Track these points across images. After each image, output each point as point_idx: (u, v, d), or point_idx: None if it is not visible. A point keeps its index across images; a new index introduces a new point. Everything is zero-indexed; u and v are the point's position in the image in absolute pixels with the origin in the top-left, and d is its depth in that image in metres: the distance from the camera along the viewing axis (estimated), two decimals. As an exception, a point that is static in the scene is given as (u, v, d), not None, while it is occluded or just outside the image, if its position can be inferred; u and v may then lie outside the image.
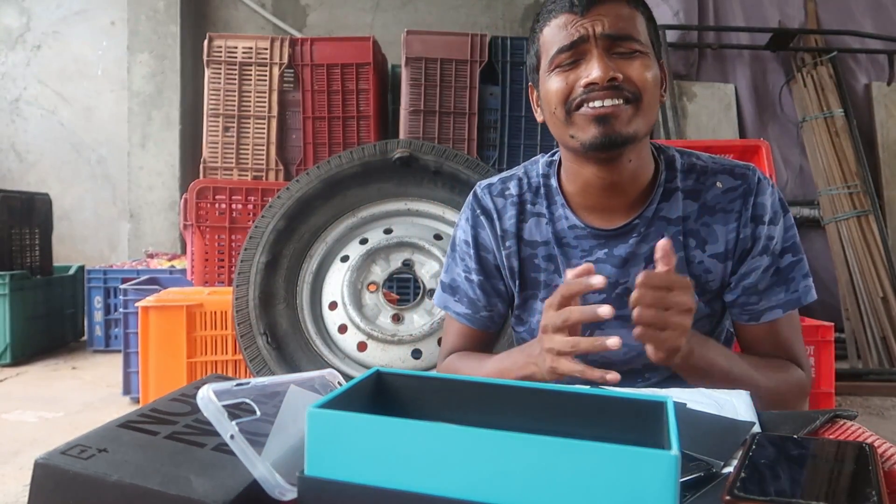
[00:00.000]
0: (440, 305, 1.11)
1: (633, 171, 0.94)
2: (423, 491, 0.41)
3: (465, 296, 1.07)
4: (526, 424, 0.49)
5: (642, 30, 0.89)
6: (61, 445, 0.49)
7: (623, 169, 0.93)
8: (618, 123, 0.86)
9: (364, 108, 3.23)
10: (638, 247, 0.96)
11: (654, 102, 0.89)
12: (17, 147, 4.89)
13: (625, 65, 0.87)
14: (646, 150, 0.95)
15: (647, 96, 0.87)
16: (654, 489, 0.37)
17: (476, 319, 1.08)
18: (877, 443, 0.58)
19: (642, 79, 0.87)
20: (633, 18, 0.89)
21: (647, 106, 0.88)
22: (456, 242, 1.09)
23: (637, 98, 0.87)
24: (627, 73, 0.86)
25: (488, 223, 1.05)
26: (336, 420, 0.43)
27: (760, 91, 3.70)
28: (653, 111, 0.89)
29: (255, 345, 1.78)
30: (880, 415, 2.61)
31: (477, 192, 1.07)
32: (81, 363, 3.42)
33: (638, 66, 0.87)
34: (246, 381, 0.53)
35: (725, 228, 0.95)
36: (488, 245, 1.05)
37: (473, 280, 1.06)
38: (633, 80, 0.86)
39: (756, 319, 0.95)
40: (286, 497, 0.46)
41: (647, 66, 0.88)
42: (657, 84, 0.90)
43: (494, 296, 1.07)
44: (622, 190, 0.95)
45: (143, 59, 4.53)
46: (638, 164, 0.94)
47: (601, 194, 0.96)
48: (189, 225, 2.65)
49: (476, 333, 1.09)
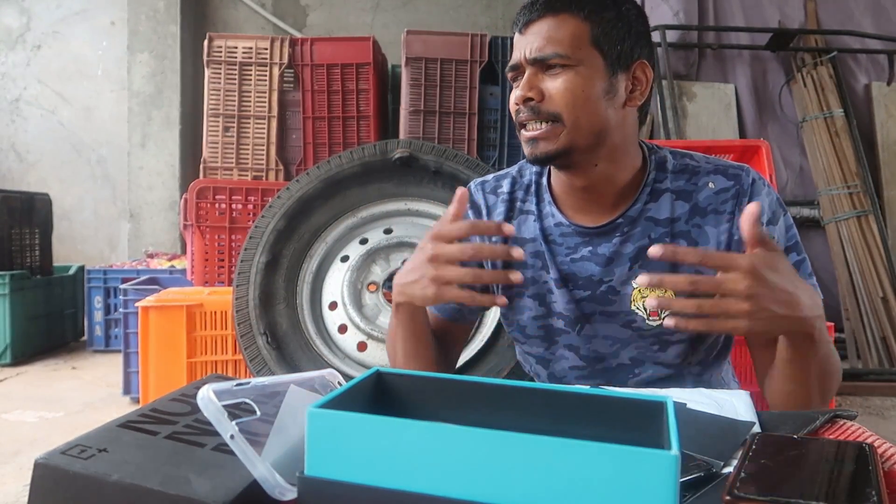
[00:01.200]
0: None
1: (605, 174, 0.95)
2: (423, 491, 0.41)
3: None
4: (526, 424, 0.49)
5: (578, 38, 0.89)
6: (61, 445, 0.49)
7: (590, 173, 0.94)
8: (542, 144, 0.90)
9: (364, 108, 3.23)
10: (622, 246, 0.96)
11: (584, 114, 0.89)
12: (17, 147, 4.89)
13: (549, 83, 0.90)
14: (620, 152, 0.95)
15: (571, 112, 0.89)
16: (654, 489, 0.37)
17: (444, 308, 1.08)
18: (877, 443, 0.58)
19: (563, 96, 0.89)
20: (566, 29, 0.89)
21: (576, 120, 0.89)
22: None
23: (556, 117, 0.89)
24: (550, 92, 0.89)
25: (476, 218, 1.06)
26: (336, 420, 0.43)
27: (760, 91, 3.70)
28: (585, 122, 0.89)
29: (255, 345, 1.78)
30: (880, 415, 2.61)
31: (470, 188, 1.09)
32: (81, 363, 3.42)
33: (560, 83, 0.89)
34: (246, 381, 0.53)
35: (717, 230, 0.94)
36: (475, 240, 1.05)
37: None
38: (554, 99, 0.89)
39: None
40: (286, 497, 0.46)
41: (572, 81, 0.88)
42: (589, 96, 0.89)
43: (472, 288, 1.06)
44: (596, 191, 0.96)
45: (143, 59, 4.53)
46: (609, 166, 0.94)
47: (579, 195, 0.98)
48: (189, 225, 2.65)
49: (442, 322, 1.09)
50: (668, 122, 3.44)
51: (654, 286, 0.75)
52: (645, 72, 0.94)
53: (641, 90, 0.94)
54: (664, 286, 0.74)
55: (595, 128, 0.90)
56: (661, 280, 0.73)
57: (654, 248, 0.74)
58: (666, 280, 0.74)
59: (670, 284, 0.74)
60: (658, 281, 0.73)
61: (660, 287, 0.76)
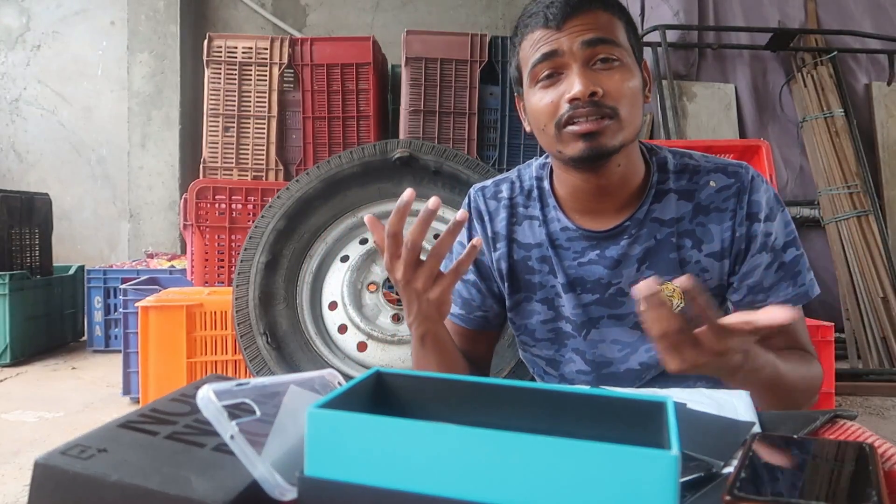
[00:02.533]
0: None
1: (622, 175, 0.95)
2: (423, 491, 0.41)
3: (460, 296, 1.07)
4: (526, 424, 0.49)
5: (622, 35, 0.90)
6: (61, 445, 0.49)
7: (612, 174, 0.94)
8: (603, 138, 0.88)
9: (364, 108, 3.23)
10: (630, 248, 0.96)
11: (635, 112, 0.90)
12: (17, 147, 4.89)
13: (605, 78, 0.87)
14: (634, 153, 0.96)
15: (628, 109, 0.88)
16: (654, 489, 0.37)
17: (470, 320, 1.08)
18: (877, 443, 0.57)
19: (622, 92, 0.87)
20: (612, 24, 0.89)
21: (629, 116, 0.88)
22: None
23: (617, 113, 0.88)
24: (607, 88, 0.87)
25: (480, 225, 1.06)
26: (336, 420, 0.43)
27: (760, 91, 3.70)
28: (636, 119, 0.90)
29: (255, 345, 1.78)
30: (880, 415, 2.61)
31: (471, 194, 1.09)
32: (81, 363, 3.42)
33: (618, 78, 0.87)
34: (246, 381, 0.52)
35: (720, 227, 0.94)
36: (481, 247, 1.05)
37: (468, 280, 1.07)
38: (612, 94, 0.87)
39: None
40: (286, 497, 0.46)
41: (628, 76, 0.88)
42: (638, 92, 0.90)
43: (490, 297, 1.07)
44: (611, 193, 0.96)
45: (143, 58, 4.53)
46: (627, 167, 0.95)
47: (590, 198, 0.97)
48: (189, 225, 2.65)
49: (470, 333, 1.09)
50: (668, 122, 3.44)
51: None
52: (647, 70, 0.96)
53: (648, 88, 0.95)
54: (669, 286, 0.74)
55: (639, 125, 0.91)
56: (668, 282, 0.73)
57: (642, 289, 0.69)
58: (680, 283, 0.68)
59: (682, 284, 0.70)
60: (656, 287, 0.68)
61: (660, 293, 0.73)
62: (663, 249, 0.95)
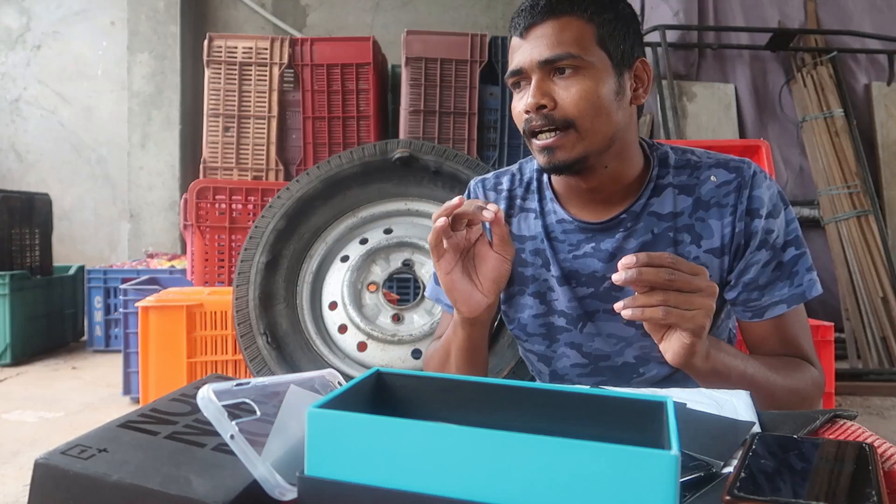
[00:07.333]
0: (432, 298, 1.12)
1: (612, 174, 0.94)
2: (423, 491, 0.41)
3: None
4: (526, 424, 0.49)
5: (589, 41, 0.88)
6: (61, 445, 0.49)
7: (599, 175, 0.94)
8: (560, 153, 0.88)
9: (364, 108, 3.23)
10: (625, 241, 0.96)
11: (600, 120, 0.88)
12: (17, 147, 4.89)
13: (560, 89, 0.87)
14: (627, 151, 0.95)
15: (589, 118, 0.87)
16: (654, 489, 0.37)
17: None
18: (877, 443, 0.57)
19: (576, 103, 0.86)
20: (576, 31, 0.87)
21: (591, 126, 0.87)
22: None
23: (570, 124, 0.87)
24: (561, 100, 0.87)
25: None
26: (336, 420, 0.43)
27: (760, 91, 3.70)
28: (601, 127, 0.88)
29: (255, 345, 1.77)
30: (880, 415, 2.61)
31: (471, 186, 1.09)
32: (81, 363, 3.42)
33: (575, 90, 0.86)
34: (246, 381, 0.53)
35: (720, 223, 0.93)
36: None
37: None
38: (565, 106, 0.87)
39: (760, 316, 0.94)
40: (286, 497, 0.46)
41: (588, 85, 0.87)
42: (603, 99, 0.88)
43: None
44: (605, 190, 0.96)
45: (143, 59, 4.54)
46: (618, 166, 0.94)
47: (584, 194, 0.97)
48: (189, 225, 2.66)
49: None
50: (668, 122, 3.44)
51: (631, 282, 0.74)
52: (645, 69, 0.94)
53: (644, 88, 0.94)
54: (642, 282, 0.74)
55: (609, 132, 0.89)
56: (640, 273, 0.73)
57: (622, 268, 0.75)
58: (645, 273, 0.73)
59: (649, 276, 0.73)
60: (634, 276, 0.73)
61: (639, 283, 0.74)
62: (660, 244, 0.95)
